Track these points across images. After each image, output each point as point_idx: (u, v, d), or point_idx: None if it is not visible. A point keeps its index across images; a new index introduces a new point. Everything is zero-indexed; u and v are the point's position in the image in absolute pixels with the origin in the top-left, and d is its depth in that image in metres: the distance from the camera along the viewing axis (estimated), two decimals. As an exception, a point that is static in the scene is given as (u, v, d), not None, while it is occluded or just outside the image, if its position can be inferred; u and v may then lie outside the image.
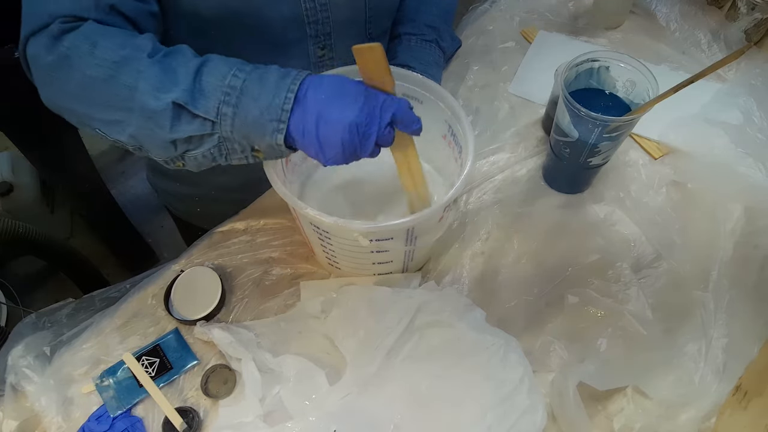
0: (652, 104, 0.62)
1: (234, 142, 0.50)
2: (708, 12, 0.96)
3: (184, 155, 0.52)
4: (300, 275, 0.70)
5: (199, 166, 0.54)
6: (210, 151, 0.51)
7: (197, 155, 0.52)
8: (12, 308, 1.19)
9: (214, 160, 0.53)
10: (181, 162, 0.54)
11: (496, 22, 0.98)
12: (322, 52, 0.69)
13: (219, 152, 0.51)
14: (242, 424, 0.58)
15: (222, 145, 0.51)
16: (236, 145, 0.51)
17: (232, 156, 0.52)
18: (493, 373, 0.58)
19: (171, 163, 0.54)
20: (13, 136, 1.23)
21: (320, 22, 0.65)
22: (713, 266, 0.70)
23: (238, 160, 0.53)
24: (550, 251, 0.72)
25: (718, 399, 0.60)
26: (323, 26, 0.66)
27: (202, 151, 0.51)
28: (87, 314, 0.67)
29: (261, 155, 0.52)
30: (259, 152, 0.52)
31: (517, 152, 0.82)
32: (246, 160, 0.53)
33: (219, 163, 0.53)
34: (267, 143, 0.49)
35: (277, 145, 0.49)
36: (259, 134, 0.49)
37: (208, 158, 0.52)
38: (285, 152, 0.51)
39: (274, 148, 0.50)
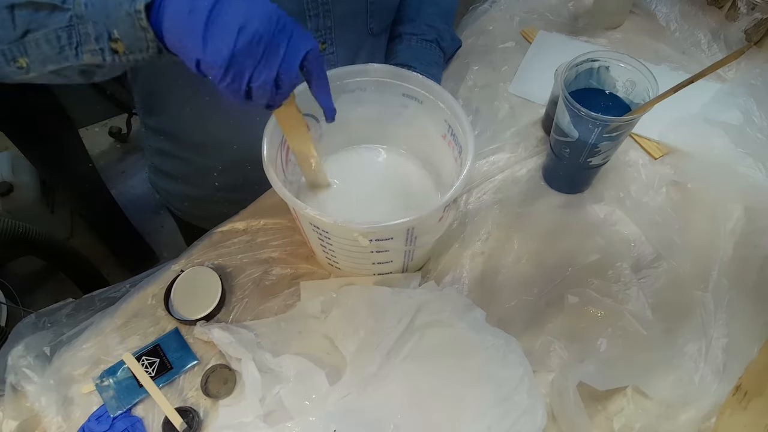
0: (652, 104, 0.62)
1: (88, 22, 0.42)
2: (708, 12, 0.96)
3: (25, 40, 0.43)
4: (300, 275, 0.70)
5: (43, 62, 0.44)
6: (57, 33, 0.43)
7: (40, 39, 0.43)
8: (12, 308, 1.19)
9: (62, 51, 0.43)
10: (24, 58, 0.44)
11: (496, 22, 0.98)
12: (323, 46, 0.69)
13: (69, 38, 0.43)
14: (242, 424, 0.58)
15: (73, 28, 0.42)
16: (90, 27, 0.42)
17: (84, 45, 0.43)
18: (493, 373, 0.58)
19: (11, 60, 0.44)
20: (13, 136, 1.23)
21: (321, 16, 0.65)
22: (713, 266, 0.70)
23: (92, 55, 0.44)
24: (550, 251, 0.72)
25: (718, 399, 0.60)
26: (324, 20, 0.66)
27: (47, 33, 0.43)
28: (87, 314, 0.67)
29: (121, 47, 0.43)
30: (118, 42, 0.43)
31: (517, 152, 0.82)
32: (101, 55, 0.44)
33: (68, 59, 0.44)
34: (125, 13, 0.41)
35: (137, 16, 0.40)
36: (115, 6, 0.41)
37: (53, 46, 0.43)
38: (149, 39, 0.42)
39: (135, 29, 0.41)
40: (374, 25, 0.73)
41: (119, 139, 2.00)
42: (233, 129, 0.73)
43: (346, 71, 0.64)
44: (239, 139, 0.74)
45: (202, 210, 0.89)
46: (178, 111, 0.73)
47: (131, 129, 1.98)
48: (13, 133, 1.22)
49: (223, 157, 0.78)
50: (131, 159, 1.97)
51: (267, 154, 0.58)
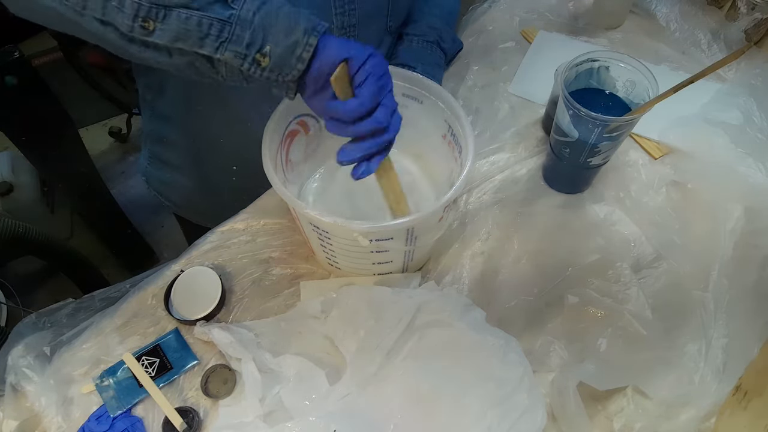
0: (652, 104, 0.62)
1: (247, 28, 0.45)
2: (708, 12, 0.96)
3: (174, 10, 0.44)
4: (300, 275, 0.70)
5: (175, 37, 0.45)
6: (211, 22, 0.44)
7: (192, 17, 0.44)
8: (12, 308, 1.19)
9: (203, 38, 0.45)
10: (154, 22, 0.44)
11: (496, 22, 0.98)
12: None
13: (219, 31, 0.45)
14: (242, 424, 0.58)
15: (228, 25, 0.44)
16: (247, 34, 0.45)
17: (229, 45, 0.45)
18: (493, 373, 0.58)
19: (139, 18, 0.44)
20: (13, 136, 1.23)
21: (347, 14, 0.66)
22: (713, 266, 0.70)
23: (231, 55, 0.46)
24: (550, 251, 0.72)
25: (718, 399, 0.60)
26: (349, 17, 0.67)
27: (202, 16, 0.44)
28: (87, 314, 0.67)
29: (265, 62, 0.46)
30: (264, 57, 0.46)
31: (517, 152, 0.82)
32: (240, 60, 0.46)
33: (203, 47, 0.45)
34: (291, 42, 0.45)
35: (308, 45, 0.45)
36: (286, 28, 0.45)
37: (201, 30, 0.44)
38: (299, 66, 0.47)
39: (293, 54, 0.46)
40: (392, 23, 0.74)
41: (119, 139, 2.00)
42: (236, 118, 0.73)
43: (346, 71, 0.64)
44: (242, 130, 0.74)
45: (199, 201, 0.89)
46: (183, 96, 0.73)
47: (131, 129, 1.98)
48: (13, 133, 1.22)
49: (224, 149, 0.78)
50: (131, 159, 1.97)
51: (267, 154, 0.58)
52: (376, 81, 0.49)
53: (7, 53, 1.02)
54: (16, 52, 1.02)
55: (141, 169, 0.90)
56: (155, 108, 0.79)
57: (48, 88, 1.16)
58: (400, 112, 0.68)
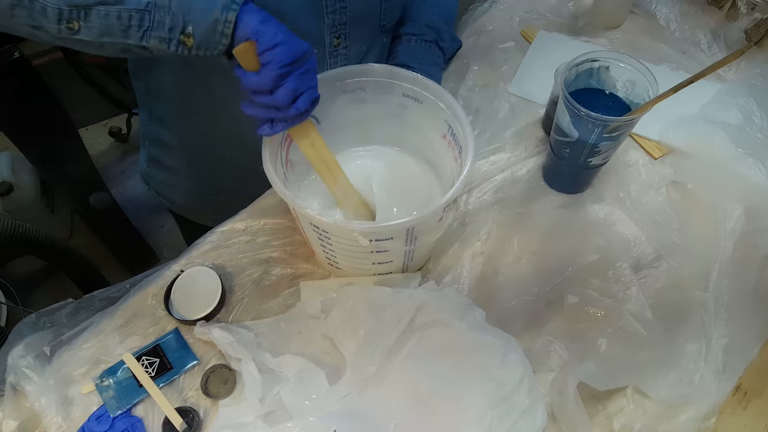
0: (652, 104, 0.62)
1: (167, 13, 0.45)
2: (708, 12, 0.96)
3: (93, 9, 0.45)
4: (300, 275, 0.70)
5: (101, 33, 0.46)
6: (130, 14, 0.45)
7: (111, 13, 0.45)
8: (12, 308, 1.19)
9: (126, 30, 0.46)
10: (78, 22, 0.46)
11: (496, 22, 0.98)
12: (338, 41, 0.69)
13: (140, 21, 0.45)
14: (242, 424, 0.58)
15: (147, 14, 0.45)
16: (167, 18, 0.45)
17: (153, 32, 0.46)
18: (493, 373, 0.58)
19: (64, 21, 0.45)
20: (13, 136, 1.23)
21: (338, 12, 0.66)
22: (713, 266, 0.70)
23: (157, 41, 0.47)
24: (550, 251, 0.72)
25: (718, 399, 0.60)
26: (340, 16, 0.66)
27: (120, 10, 0.45)
28: (87, 314, 0.67)
29: (190, 42, 0.47)
30: (189, 37, 0.46)
31: (517, 152, 0.82)
32: (166, 44, 0.47)
33: (129, 38, 0.46)
34: (211, 21, 0.45)
35: (227, 22, 0.45)
36: (203, 8, 0.45)
37: (122, 23, 0.45)
38: (224, 41, 0.47)
39: (216, 31, 0.46)
40: (386, 21, 0.74)
41: (119, 139, 2.00)
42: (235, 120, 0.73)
43: (346, 71, 0.64)
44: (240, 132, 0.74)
45: (199, 202, 0.89)
46: (181, 99, 0.73)
47: (131, 129, 1.98)
48: (13, 133, 1.22)
49: (221, 151, 0.78)
50: (131, 159, 1.97)
51: (267, 154, 0.58)
52: (277, 68, 0.48)
53: (7, 53, 1.02)
54: (16, 52, 1.02)
55: (141, 170, 0.91)
56: (153, 111, 0.79)
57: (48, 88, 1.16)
58: (401, 112, 0.69)
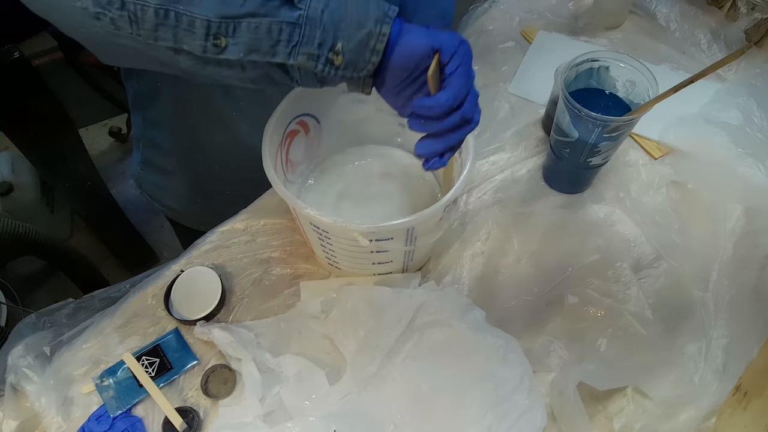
0: (652, 104, 0.62)
1: (317, 27, 0.43)
2: (708, 12, 0.96)
3: (242, 21, 0.43)
4: (300, 275, 0.70)
5: (248, 49, 0.44)
6: (281, 26, 0.43)
7: (262, 25, 0.43)
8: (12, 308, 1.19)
9: (275, 45, 0.44)
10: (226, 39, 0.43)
11: (496, 22, 0.98)
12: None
13: (290, 35, 0.43)
14: (242, 424, 0.58)
15: (297, 27, 0.43)
16: (318, 32, 0.43)
17: (302, 47, 0.44)
18: (493, 373, 0.58)
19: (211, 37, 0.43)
20: (13, 136, 1.23)
21: None
22: (713, 266, 0.70)
23: (304, 59, 0.44)
24: (550, 251, 0.72)
25: (718, 399, 0.60)
26: None
27: (271, 22, 0.43)
28: (87, 314, 0.67)
29: (338, 60, 0.44)
30: (338, 55, 0.44)
31: (517, 152, 0.82)
32: (314, 62, 0.44)
33: (277, 55, 0.44)
34: (363, 34, 0.43)
35: (381, 35, 0.43)
36: (356, 21, 0.43)
37: (271, 37, 0.43)
38: (372, 62, 0.44)
39: (368, 47, 0.44)
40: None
41: (119, 139, 2.00)
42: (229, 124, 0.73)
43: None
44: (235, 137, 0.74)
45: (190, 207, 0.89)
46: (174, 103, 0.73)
47: (131, 129, 1.97)
48: (13, 133, 1.22)
49: (216, 155, 0.78)
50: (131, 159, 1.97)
51: (267, 154, 0.58)
52: (467, 71, 0.46)
53: (7, 53, 1.02)
54: (16, 52, 1.02)
55: (134, 172, 0.90)
56: (146, 114, 0.79)
57: (48, 88, 1.16)
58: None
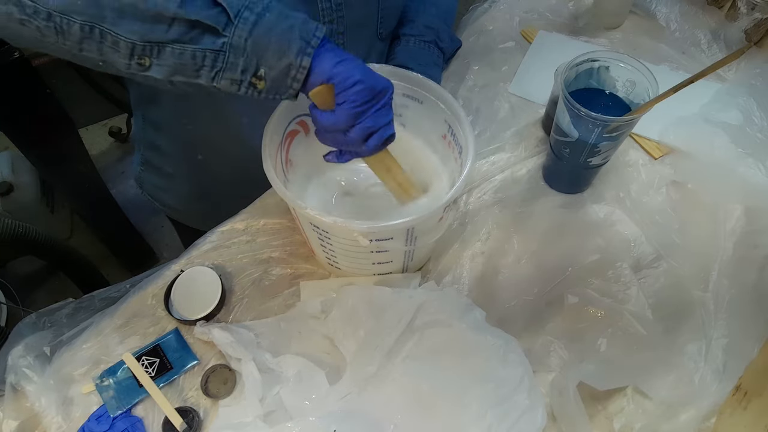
0: (652, 104, 0.62)
1: (241, 55, 0.44)
2: (708, 12, 0.96)
3: (167, 46, 0.44)
4: (300, 275, 0.70)
5: (172, 71, 0.45)
6: (204, 54, 0.44)
7: (186, 52, 0.44)
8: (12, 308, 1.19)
9: (198, 70, 0.45)
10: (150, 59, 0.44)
11: (496, 22, 0.98)
12: None
13: (213, 62, 0.45)
14: (242, 424, 0.58)
15: (221, 54, 0.44)
16: (241, 60, 0.45)
17: (225, 73, 0.45)
18: (493, 373, 0.58)
19: (135, 57, 0.44)
20: (13, 136, 1.23)
21: (335, 21, 0.66)
22: (713, 266, 0.70)
23: (228, 84, 0.46)
24: (550, 251, 0.72)
25: (718, 399, 0.60)
26: (338, 25, 0.66)
27: (194, 50, 0.44)
28: (87, 314, 0.67)
29: (261, 85, 0.46)
30: (260, 80, 0.46)
31: (517, 152, 0.82)
32: (236, 86, 0.46)
33: (200, 78, 0.46)
34: (284, 65, 0.45)
35: (301, 67, 0.45)
36: (278, 51, 0.44)
37: (195, 63, 0.45)
38: (296, 85, 0.47)
39: (288, 75, 0.46)
40: (383, 29, 0.74)
41: (119, 139, 2.00)
42: (230, 126, 0.73)
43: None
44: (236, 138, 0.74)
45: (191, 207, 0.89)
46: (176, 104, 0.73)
47: (131, 129, 1.98)
48: (13, 133, 1.22)
49: (217, 157, 0.78)
50: (131, 159, 1.96)
51: (267, 154, 0.58)
52: (352, 107, 0.49)
53: (7, 53, 1.02)
54: (16, 52, 1.02)
55: (135, 173, 0.90)
56: (147, 116, 0.79)
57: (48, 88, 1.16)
58: (401, 113, 0.69)
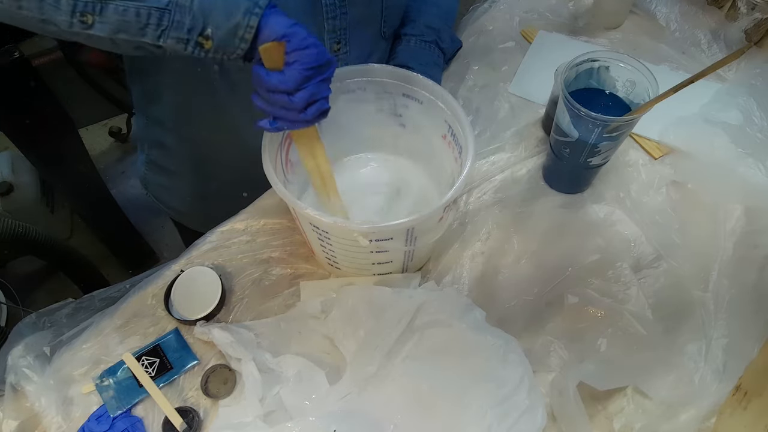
0: (652, 104, 0.62)
1: (187, 13, 0.44)
2: (708, 12, 0.96)
3: (110, 2, 0.43)
4: (300, 275, 0.70)
5: (115, 29, 0.45)
6: (149, 11, 0.44)
7: (130, 8, 0.43)
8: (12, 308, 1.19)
9: (144, 28, 0.44)
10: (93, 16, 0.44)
11: (496, 22, 0.98)
12: (338, 46, 0.69)
13: (159, 19, 0.44)
14: (242, 424, 0.58)
15: (167, 13, 0.44)
16: (187, 19, 0.44)
17: (171, 32, 0.45)
18: (493, 373, 0.58)
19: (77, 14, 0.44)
20: (13, 136, 1.23)
21: (338, 18, 0.66)
22: (713, 266, 0.70)
23: (173, 42, 0.46)
24: (550, 251, 0.72)
25: (718, 399, 0.60)
26: (340, 21, 0.66)
27: (139, 6, 0.43)
28: (87, 314, 0.67)
29: (208, 44, 0.46)
30: (207, 39, 0.46)
31: (517, 152, 0.82)
32: (183, 45, 0.46)
33: (145, 36, 0.45)
34: (232, 25, 0.45)
35: (248, 27, 0.45)
36: (226, 10, 0.44)
37: (139, 20, 0.44)
38: (243, 45, 0.46)
39: (236, 35, 0.45)
40: (387, 28, 0.74)
41: (119, 139, 2.00)
42: (233, 125, 0.73)
43: (346, 71, 0.64)
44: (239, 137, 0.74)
45: (198, 208, 0.89)
46: (179, 103, 0.73)
47: (131, 129, 1.98)
48: (13, 133, 1.22)
49: (221, 156, 0.78)
50: (131, 159, 1.97)
51: (267, 154, 0.58)
52: (303, 69, 0.48)
53: (7, 53, 1.02)
54: (16, 52, 1.02)
55: (139, 174, 0.90)
56: (150, 115, 0.79)
57: (48, 88, 1.16)
58: (401, 113, 0.69)
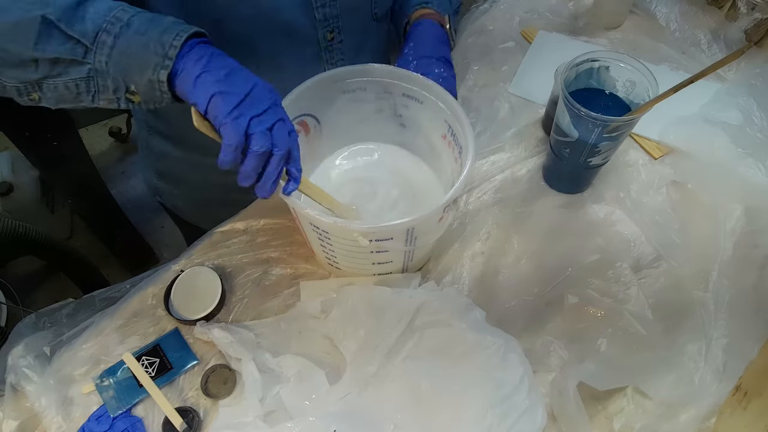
0: (652, 104, 0.62)
1: (107, 77, 0.47)
2: (708, 12, 0.96)
3: (42, 82, 0.47)
4: (300, 275, 0.70)
5: (58, 101, 0.49)
6: (76, 83, 0.47)
7: (59, 84, 0.47)
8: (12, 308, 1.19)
9: (78, 96, 0.48)
10: (37, 93, 0.48)
11: (496, 22, 0.98)
12: (331, 35, 0.69)
13: (87, 87, 0.48)
14: (242, 424, 0.58)
15: (92, 80, 0.47)
16: (109, 82, 0.47)
17: (101, 95, 0.48)
18: (493, 373, 0.58)
19: (24, 95, 0.49)
20: (13, 136, 1.23)
21: (328, 5, 0.65)
22: (713, 266, 0.70)
23: (108, 102, 0.49)
24: (550, 251, 0.72)
25: (718, 399, 0.60)
26: (331, 9, 0.66)
27: (66, 81, 0.47)
28: (87, 314, 0.67)
29: (137, 99, 0.49)
30: (134, 95, 0.48)
31: (517, 152, 0.82)
32: (117, 103, 0.49)
33: (83, 101, 0.49)
34: (146, 80, 0.47)
35: (160, 82, 0.47)
36: (138, 67, 0.46)
37: (71, 91, 0.48)
38: (166, 96, 0.48)
39: (155, 89, 0.47)
40: (378, 9, 0.73)
41: (119, 139, 2.00)
42: None
43: (347, 71, 0.64)
44: None
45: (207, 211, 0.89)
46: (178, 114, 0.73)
47: (131, 129, 1.98)
48: (13, 133, 1.22)
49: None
50: (131, 159, 1.97)
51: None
52: (232, 121, 0.47)
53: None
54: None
55: (149, 184, 0.90)
56: (151, 123, 0.79)
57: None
58: (401, 112, 0.69)
